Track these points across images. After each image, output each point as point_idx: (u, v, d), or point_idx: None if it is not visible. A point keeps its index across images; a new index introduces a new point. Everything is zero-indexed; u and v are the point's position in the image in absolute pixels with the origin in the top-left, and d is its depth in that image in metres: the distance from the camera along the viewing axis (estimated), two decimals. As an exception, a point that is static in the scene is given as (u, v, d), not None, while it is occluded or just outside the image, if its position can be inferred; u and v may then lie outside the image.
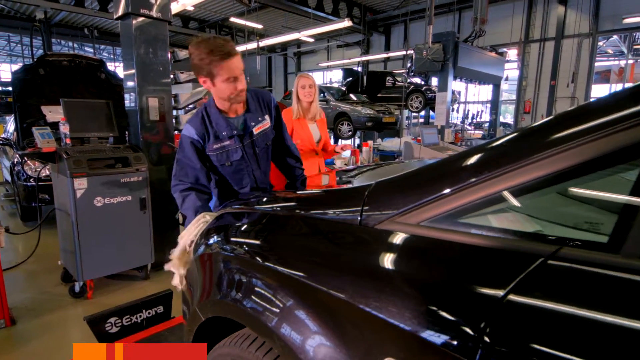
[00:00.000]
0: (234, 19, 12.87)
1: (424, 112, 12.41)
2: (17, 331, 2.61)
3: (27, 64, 5.45)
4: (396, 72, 13.34)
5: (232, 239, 1.28)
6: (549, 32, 12.49)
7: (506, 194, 0.70)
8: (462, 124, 12.96)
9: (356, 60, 15.85)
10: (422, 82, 10.99)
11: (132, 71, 3.29)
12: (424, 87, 10.88)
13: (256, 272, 1.08)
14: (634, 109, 0.60)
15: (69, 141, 3.03)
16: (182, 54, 3.85)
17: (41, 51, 14.81)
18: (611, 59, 15.01)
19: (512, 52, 13.11)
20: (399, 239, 0.82)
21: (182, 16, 15.54)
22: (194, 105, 4.38)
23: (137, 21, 3.21)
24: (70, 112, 3.10)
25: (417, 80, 11.11)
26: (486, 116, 14.42)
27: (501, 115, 13.10)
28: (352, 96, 10.87)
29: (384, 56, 15.81)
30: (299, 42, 18.59)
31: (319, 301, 0.85)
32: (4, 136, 6.42)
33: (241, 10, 12.57)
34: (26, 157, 4.73)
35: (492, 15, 10.32)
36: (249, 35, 15.68)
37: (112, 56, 20.20)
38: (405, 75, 11.79)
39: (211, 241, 1.35)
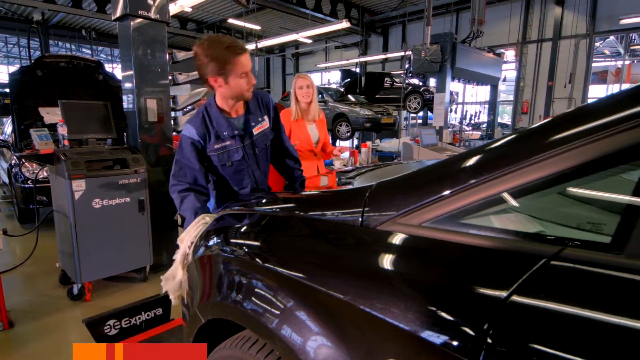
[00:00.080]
0: (232, 20, 12.87)
1: (422, 113, 12.44)
2: (15, 334, 2.59)
3: (24, 65, 5.43)
4: (394, 73, 13.36)
5: (232, 241, 1.27)
6: (546, 33, 12.53)
7: (508, 194, 0.70)
8: (460, 124, 12.98)
9: (354, 61, 15.86)
10: (420, 83, 11.03)
11: (130, 72, 3.29)
12: (422, 88, 10.90)
13: (257, 273, 1.07)
14: (634, 110, 0.60)
15: (67, 143, 3.02)
16: (181, 55, 3.84)
17: (38, 53, 14.75)
18: (608, 59, 15.07)
19: (510, 53, 13.17)
20: (401, 240, 0.82)
21: (180, 17, 15.53)
22: (192, 106, 4.37)
23: (135, 22, 3.20)
24: (68, 113, 3.09)
25: (415, 81, 11.16)
26: (484, 117, 14.44)
27: (499, 116, 13.12)
28: (350, 97, 10.87)
29: (382, 57, 15.85)
30: (297, 44, 18.59)
31: (320, 302, 0.85)
32: (1, 138, 6.40)
33: (239, 11, 12.58)
34: (24, 159, 4.71)
35: (490, 16, 10.34)
36: (247, 36, 15.70)
37: (109, 57, 20.17)
38: (403, 76, 11.82)
39: (211, 243, 1.35)
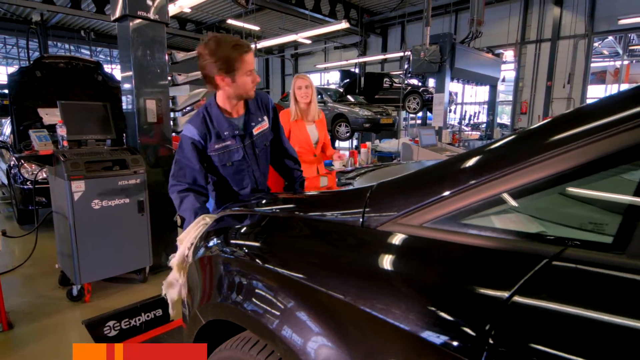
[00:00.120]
0: (231, 21, 12.87)
1: (421, 114, 12.46)
2: (15, 335, 2.58)
3: (23, 66, 5.42)
4: (393, 73, 13.37)
5: (232, 241, 1.27)
6: (544, 33, 12.55)
7: (509, 195, 0.70)
8: (460, 125, 12.99)
9: (353, 61, 15.86)
10: (420, 84, 11.04)
11: (130, 73, 3.28)
12: (421, 89, 10.91)
13: (257, 274, 1.07)
14: (634, 111, 0.60)
15: (66, 144, 3.01)
16: (180, 56, 3.84)
17: (37, 53, 14.74)
18: (607, 59, 15.10)
19: (509, 53, 13.19)
20: (402, 241, 0.81)
21: (179, 18, 15.53)
22: (191, 107, 4.36)
23: (134, 23, 3.20)
24: (67, 114, 3.08)
25: (414, 81, 11.17)
26: (483, 117, 14.46)
27: (498, 116, 13.14)
28: (349, 97, 10.87)
29: (381, 57, 15.86)
30: (296, 44, 18.58)
31: (321, 303, 0.85)
32: (0, 139, 6.39)
33: (238, 12, 12.56)
34: (23, 160, 4.70)
35: (489, 16, 10.35)
36: (246, 37, 15.69)
37: (108, 58, 20.17)
38: (402, 76, 11.83)
39: (211, 244, 1.34)
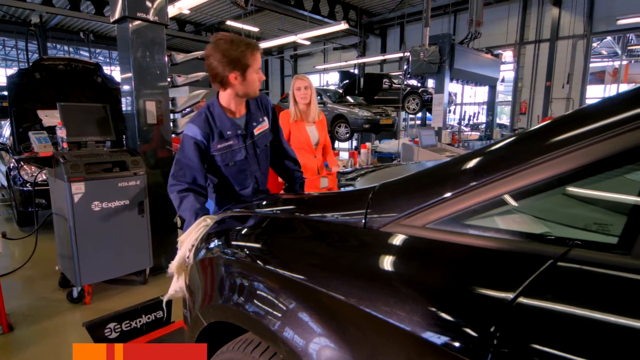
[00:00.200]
0: (230, 22, 12.87)
1: (420, 114, 12.45)
2: (15, 337, 2.58)
3: (22, 68, 5.43)
4: (393, 74, 13.38)
5: (233, 243, 1.27)
6: (543, 33, 12.57)
7: (514, 195, 0.69)
8: (459, 125, 12.99)
9: (352, 62, 15.87)
10: (419, 84, 11.04)
11: (129, 75, 3.28)
12: (421, 89, 10.91)
13: (258, 275, 1.06)
14: (637, 112, 0.60)
15: (65, 145, 3.01)
16: (180, 57, 3.83)
17: (37, 55, 14.74)
18: (605, 59, 15.12)
19: (508, 53, 13.20)
20: (405, 242, 0.81)
21: (178, 20, 15.54)
22: (191, 108, 4.36)
23: (133, 25, 3.20)
24: (67, 116, 3.08)
25: (414, 82, 11.17)
26: (482, 117, 14.47)
27: (497, 116, 13.14)
28: (349, 98, 10.87)
29: (380, 58, 15.88)
30: (295, 45, 18.57)
31: (324, 305, 0.84)
32: (-1, 141, 6.39)
33: (237, 13, 12.56)
34: (22, 162, 4.70)
35: (487, 17, 10.35)
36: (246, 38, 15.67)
37: (108, 60, 20.14)
38: (402, 77, 11.83)
39: (212, 245, 1.34)
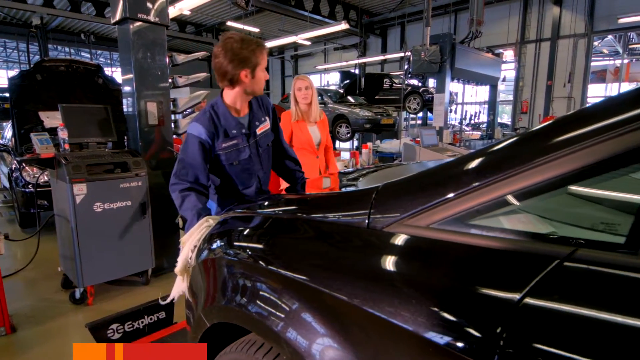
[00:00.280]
0: (230, 23, 12.88)
1: (421, 114, 12.44)
2: (18, 339, 2.58)
3: (24, 69, 5.43)
4: (393, 74, 13.37)
5: (235, 244, 1.27)
6: (544, 32, 12.55)
7: (518, 195, 0.69)
8: (460, 125, 12.97)
9: (353, 62, 15.87)
10: (420, 84, 11.03)
11: (130, 76, 3.28)
12: (422, 89, 10.90)
13: (261, 276, 1.06)
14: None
15: (67, 147, 3.01)
16: (180, 58, 3.84)
17: (38, 57, 14.78)
18: (607, 58, 15.09)
19: (509, 53, 13.18)
20: (409, 242, 0.81)
21: (179, 21, 15.55)
22: (192, 109, 4.36)
23: (134, 26, 3.20)
24: (68, 117, 3.08)
25: (415, 81, 11.16)
26: (484, 117, 14.45)
27: (498, 115, 13.12)
28: (349, 98, 10.87)
29: (381, 58, 15.87)
30: (295, 45, 18.57)
31: (327, 305, 0.84)
32: (1, 142, 6.39)
33: (238, 14, 12.57)
34: (24, 163, 4.71)
35: (488, 16, 10.33)
36: (246, 38, 15.66)
37: (109, 61, 20.18)
38: (402, 77, 11.82)
39: (214, 246, 1.34)
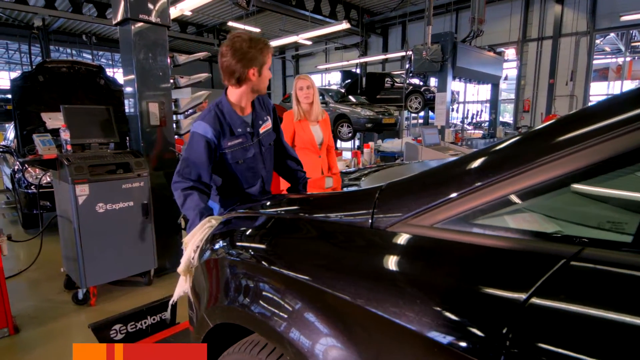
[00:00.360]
0: (231, 23, 12.87)
1: (423, 113, 12.42)
2: (21, 339, 2.59)
3: (26, 71, 5.45)
4: (395, 73, 13.36)
5: (238, 244, 1.26)
6: (546, 31, 12.51)
7: (523, 194, 0.68)
8: (462, 123, 12.95)
9: (354, 62, 15.86)
10: (421, 83, 11.01)
11: (132, 77, 3.29)
12: (423, 88, 10.89)
13: (264, 276, 1.06)
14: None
15: (69, 148, 3.02)
16: (182, 58, 3.84)
17: (40, 58, 14.82)
18: (609, 56, 15.02)
19: (510, 51, 13.15)
20: (413, 241, 0.80)
21: (180, 21, 15.57)
22: (193, 109, 4.36)
23: (136, 27, 3.20)
24: (70, 118, 3.09)
25: (416, 81, 11.15)
26: (485, 116, 14.42)
27: (500, 114, 13.09)
28: (351, 98, 10.86)
29: (382, 57, 15.85)
30: (297, 45, 18.58)
31: (331, 305, 0.83)
32: (4, 144, 6.41)
33: (239, 14, 12.58)
34: (27, 165, 4.72)
35: (490, 15, 10.32)
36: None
37: (110, 62, 20.22)
38: (404, 76, 11.81)
39: (217, 246, 1.34)
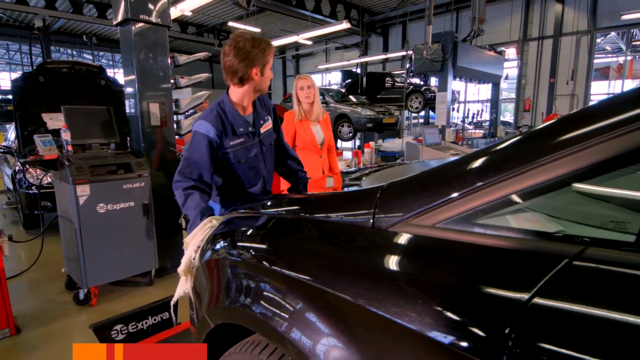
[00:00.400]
0: (232, 24, 12.87)
1: (423, 112, 12.42)
2: (22, 340, 2.59)
3: (26, 72, 5.45)
4: (395, 72, 13.35)
5: (239, 244, 1.26)
6: (547, 30, 12.50)
7: (525, 194, 0.68)
8: (463, 123, 12.94)
9: (355, 62, 15.85)
10: (422, 83, 11.01)
11: (133, 77, 3.29)
12: (424, 88, 10.88)
13: (265, 276, 1.06)
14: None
15: (70, 148, 3.02)
16: (182, 59, 3.84)
17: (40, 59, 14.84)
18: (610, 55, 15.00)
19: (511, 50, 13.14)
20: (415, 241, 0.80)
21: (180, 22, 15.58)
22: (194, 109, 4.36)
23: (136, 27, 3.20)
24: (71, 119, 3.09)
25: (416, 80, 11.14)
26: (486, 115, 14.41)
27: (501, 114, 13.08)
28: (351, 98, 10.86)
29: (383, 57, 15.84)
30: (297, 45, 18.57)
31: (332, 305, 0.83)
32: (4, 144, 6.42)
33: (239, 14, 12.58)
34: (28, 165, 4.72)
35: (490, 14, 10.32)
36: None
37: (111, 62, 20.25)
38: (404, 75, 11.80)
39: (218, 246, 1.34)
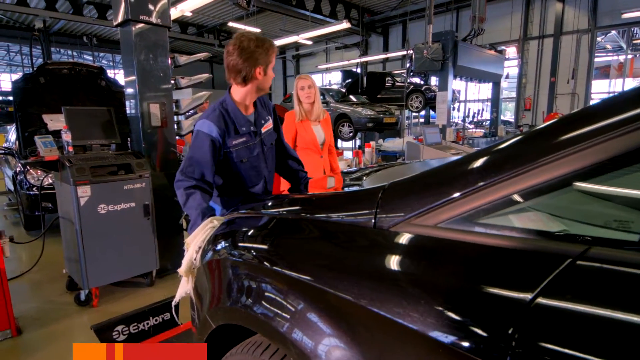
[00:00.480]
0: (232, 24, 12.88)
1: (424, 112, 12.42)
2: (24, 341, 2.59)
3: (27, 73, 5.46)
4: (395, 72, 13.35)
5: (240, 244, 1.26)
6: (547, 29, 12.49)
7: (528, 193, 0.68)
8: (464, 122, 12.94)
9: (355, 61, 15.86)
10: (422, 82, 11.01)
11: (133, 78, 3.29)
12: (424, 87, 10.88)
13: (266, 277, 1.05)
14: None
15: (71, 149, 3.02)
16: (183, 59, 3.84)
17: (41, 60, 14.87)
18: (610, 54, 14.98)
19: (511, 49, 13.13)
20: (417, 241, 0.79)
21: (180, 22, 15.59)
22: (194, 110, 4.36)
23: (136, 28, 3.20)
24: (71, 120, 3.09)
25: (417, 80, 11.14)
26: (487, 114, 14.41)
27: (502, 113, 13.07)
28: (352, 97, 10.86)
29: (383, 57, 15.84)
30: (297, 45, 18.58)
31: (334, 306, 0.83)
32: (5, 145, 6.43)
33: (239, 14, 12.59)
34: (28, 166, 4.72)
35: (490, 13, 10.32)
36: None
37: (111, 63, 20.27)
38: (404, 75, 11.80)
39: (219, 247, 1.33)
